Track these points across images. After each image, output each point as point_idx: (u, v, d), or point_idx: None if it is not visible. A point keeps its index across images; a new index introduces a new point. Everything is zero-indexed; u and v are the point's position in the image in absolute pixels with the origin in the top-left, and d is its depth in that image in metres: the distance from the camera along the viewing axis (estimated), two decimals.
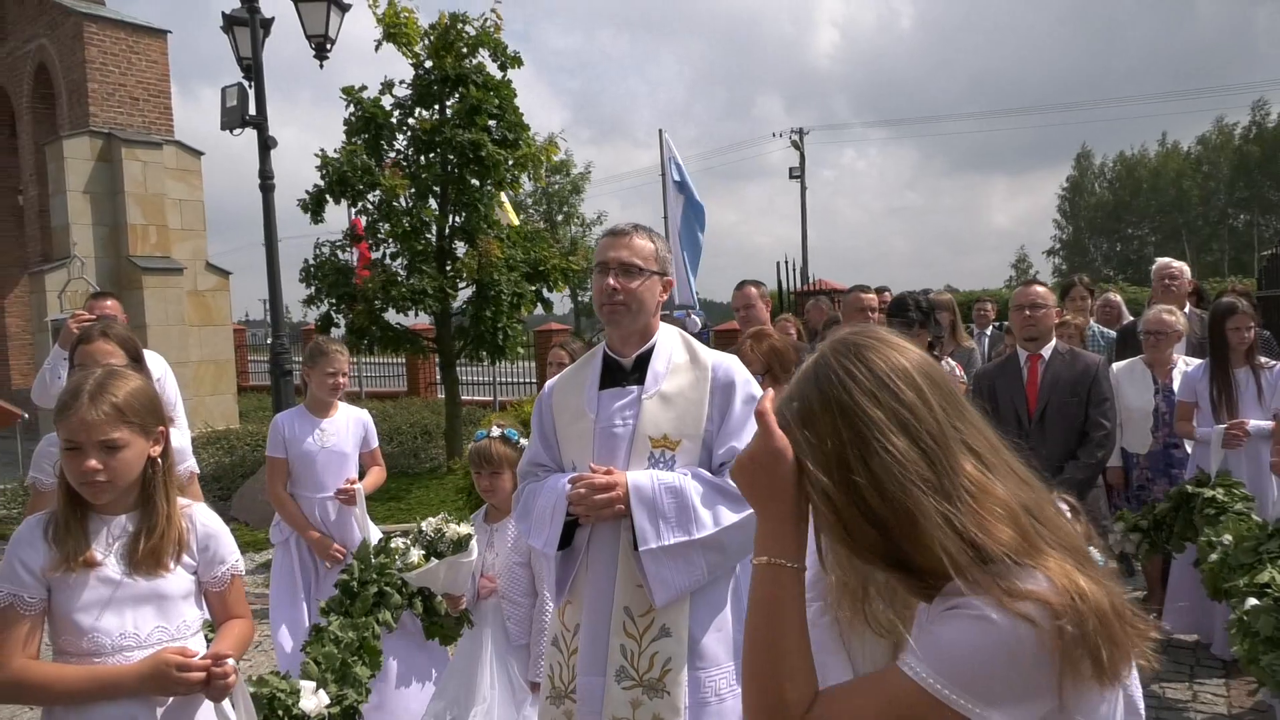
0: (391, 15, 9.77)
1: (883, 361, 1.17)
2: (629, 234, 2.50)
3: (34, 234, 14.40)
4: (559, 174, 40.64)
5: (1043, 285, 4.42)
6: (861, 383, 1.15)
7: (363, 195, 10.07)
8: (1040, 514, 1.18)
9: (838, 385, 1.16)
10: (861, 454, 1.12)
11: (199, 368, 13.35)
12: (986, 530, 1.11)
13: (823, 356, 1.22)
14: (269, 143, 8.54)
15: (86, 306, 4.99)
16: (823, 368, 1.20)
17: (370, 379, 18.81)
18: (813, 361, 1.23)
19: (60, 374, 4.45)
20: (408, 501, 9.70)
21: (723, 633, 2.39)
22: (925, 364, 1.20)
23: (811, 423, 1.17)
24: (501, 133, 10.19)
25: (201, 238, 13.96)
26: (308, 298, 10.42)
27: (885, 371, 1.16)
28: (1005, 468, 1.19)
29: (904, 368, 1.17)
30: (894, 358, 1.18)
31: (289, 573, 4.23)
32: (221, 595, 2.20)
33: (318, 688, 2.87)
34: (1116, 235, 60.98)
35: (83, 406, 1.97)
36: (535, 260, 10.45)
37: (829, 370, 1.18)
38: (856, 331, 1.24)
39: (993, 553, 1.11)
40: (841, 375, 1.17)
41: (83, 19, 13.00)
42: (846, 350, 1.19)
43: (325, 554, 4.15)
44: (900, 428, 1.13)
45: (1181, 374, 5.08)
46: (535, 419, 2.66)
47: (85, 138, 12.82)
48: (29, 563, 1.98)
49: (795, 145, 38.83)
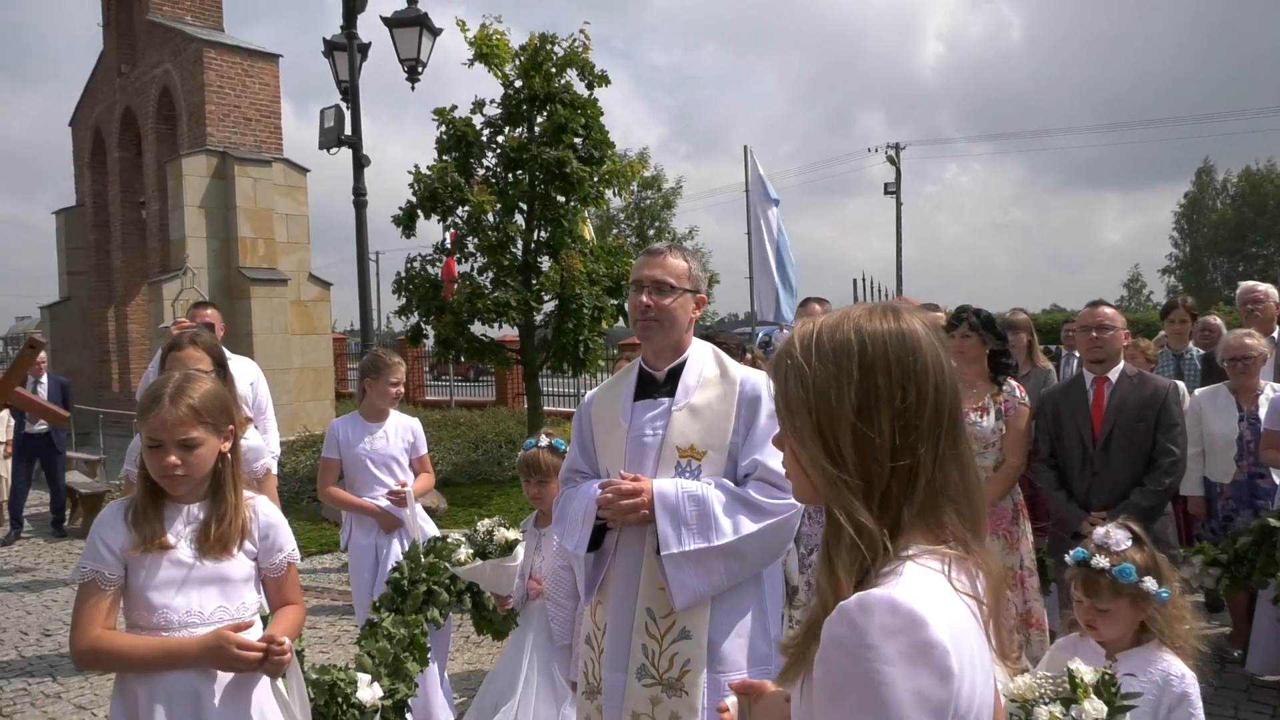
0: (483, 37, 10.15)
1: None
2: (664, 253, 2.61)
3: (154, 246, 15.36)
4: (650, 189, 40.95)
5: (1111, 306, 4.31)
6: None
7: (452, 211, 10.46)
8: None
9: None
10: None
11: (300, 374, 13.99)
12: None
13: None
14: (363, 161, 8.96)
15: (188, 315, 5.35)
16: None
17: (460, 388, 19.35)
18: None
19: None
20: (488, 508, 9.96)
21: (744, 639, 2.44)
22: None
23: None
24: (587, 150, 10.44)
25: (306, 250, 14.65)
26: (399, 309, 10.86)
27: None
28: None
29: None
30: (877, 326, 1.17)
31: (361, 570, 4.43)
32: (279, 581, 2.39)
33: (372, 680, 3.04)
34: (1239, 254, 57.74)
35: (164, 408, 2.17)
36: (617, 274, 10.65)
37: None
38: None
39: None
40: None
41: (203, 45, 13.86)
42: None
43: (387, 522, 4.28)
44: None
45: (1269, 400, 4.87)
46: (575, 427, 2.78)
47: (202, 156, 13.64)
48: (110, 543, 2.19)
49: (891, 161, 38.25)
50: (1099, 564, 2.42)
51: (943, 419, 1.14)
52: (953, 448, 1.15)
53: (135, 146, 16.35)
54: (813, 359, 1.17)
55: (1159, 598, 2.38)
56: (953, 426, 1.15)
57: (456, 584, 3.41)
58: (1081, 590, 2.47)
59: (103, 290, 17.38)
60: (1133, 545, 2.45)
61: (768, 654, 2.49)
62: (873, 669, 1.00)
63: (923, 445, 1.12)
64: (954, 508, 1.14)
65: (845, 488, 1.12)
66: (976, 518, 1.17)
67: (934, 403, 1.14)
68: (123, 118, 16.23)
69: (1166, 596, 2.39)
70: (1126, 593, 2.38)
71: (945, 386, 1.15)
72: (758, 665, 2.44)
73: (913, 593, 1.03)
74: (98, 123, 17.11)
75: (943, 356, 1.17)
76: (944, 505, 1.14)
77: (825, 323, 1.20)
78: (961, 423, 1.18)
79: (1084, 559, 2.48)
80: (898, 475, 1.12)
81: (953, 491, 1.14)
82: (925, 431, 1.12)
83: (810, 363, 1.17)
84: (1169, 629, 2.40)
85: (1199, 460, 5.03)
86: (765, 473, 2.42)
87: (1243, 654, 4.98)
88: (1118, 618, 2.43)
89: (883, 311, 1.20)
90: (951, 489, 1.14)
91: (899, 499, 1.12)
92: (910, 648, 0.99)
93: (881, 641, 1.00)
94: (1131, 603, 2.39)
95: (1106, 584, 2.40)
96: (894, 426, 1.12)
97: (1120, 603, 2.40)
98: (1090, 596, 2.45)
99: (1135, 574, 2.36)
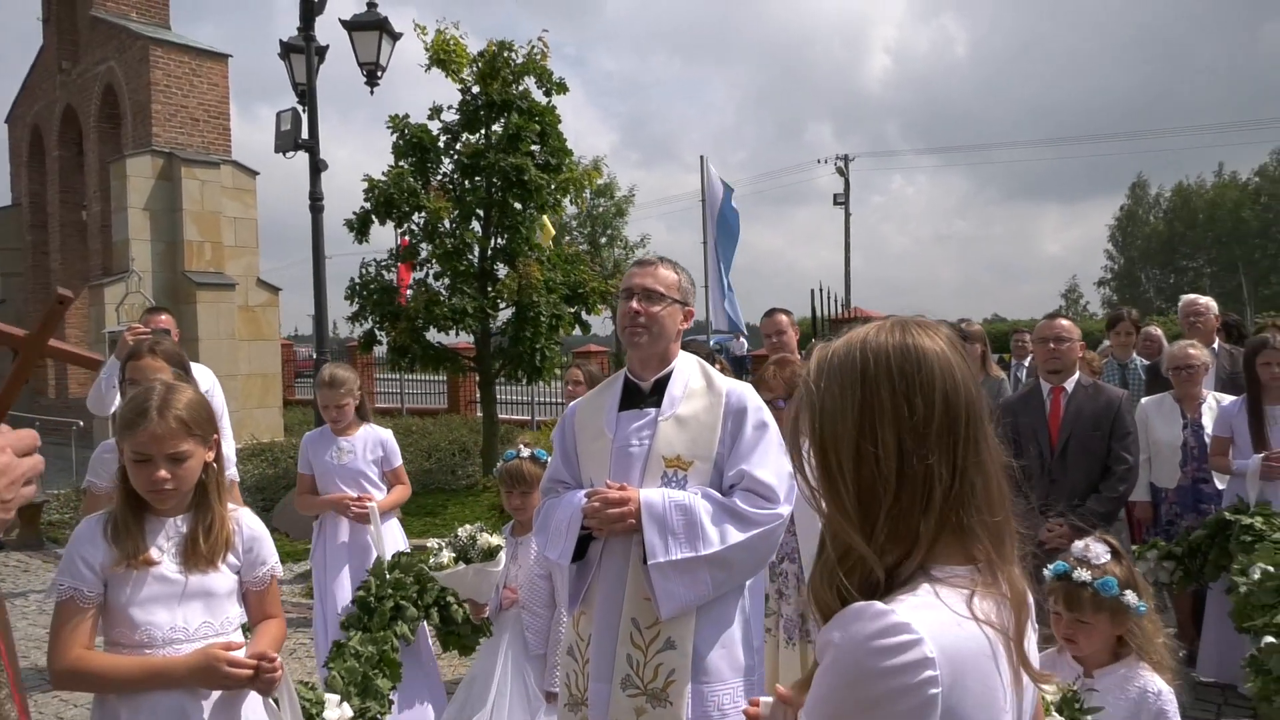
0: (440, 43, 10.09)
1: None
2: (655, 264, 2.64)
3: (96, 248, 14.96)
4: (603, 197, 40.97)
5: (1066, 319, 4.46)
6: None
7: (408, 217, 10.36)
8: None
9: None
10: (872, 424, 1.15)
11: (247, 381, 13.72)
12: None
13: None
14: (320, 166, 8.84)
15: (142, 320, 5.21)
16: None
17: (412, 395, 19.14)
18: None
19: (115, 384, 4.60)
20: (443, 517, 9.87)
21: (728, 650, 2.47)
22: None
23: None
24: (544, 157, 10.43)
25: (254, 254, 14.39)
26: (352, 315, 10.71)
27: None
28: None
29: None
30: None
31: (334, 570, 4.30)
32: (261, 595, 2.34)
33: (341, 700, 2.99)
34: (1170, 267, 59.83)
35: (152, 421, 2.11)
36: (574, 283, 10.64)
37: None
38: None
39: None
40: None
41: (150, 43, 13.55)
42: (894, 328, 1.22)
43: (353, 511, 4.15)
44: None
45: (1211, 409, 5.07)
46: (558, 437, 2.78)
47: (147, 156, 13.33)
48: (89, 559, 2.12)
49: (840, 172, 38.83)
50: (1080, 577, 2.43)
51: (957, 428, 1.15)
52: (974, 456, 1.15)
53: (76, 145, 15.91)
54: (821, 380, 1.20)
55: (1138, 611, 2.40)
56: (972, 435, 1.16)
57: (424, 598, 3.38)
58: (1063, 604, 2.47)
59: (39, 293, 16.86)
60: (1112, 559, 2.48)
61: (751, 664, 2.52)
62: (854, 677, 1.03)
63: (933, 455, 1.13)
64: (980, 519, 1.15)
65: (839, 509, 1.15)
66: (1000, 531, 1.17)
67: (944, 413, 1.14)
68: (63, 115, 15.79)
69: (1144, 610, 2.41)
70: (1107, 606, 2.39)
71: (958, 396, 1.16)
72: (741, 675, 2.46)
73: (912, 611, 1.05)
74: (36, 120, 16.61)
75: (955, 366, 1.18)
76: (969, 516, 1.15)
77: (837, 344, 1.23)
78: (984, 431, 1.18)
79: (1065, 572, 2.48)
80: (908, 487, 1.13)
81: (978, 502, 1.15)
82: (935, 442, 1.13)
83: (820, 384, 1.19)
84: (1147, 643, 2.41)
85: (1145, 467, 5.21)
86: (752, 483, 2.45)
87: (1188, 653, 5.15)
88: (1097, 631, 2.43)
89: (890, 326, 1.22)
90: (977, 499, 1.15)
91: (913, 512, 1.13)
92: (895, 664, 1.01)
93: (866, 654, 1.03)
94: (1111, 617, 2.41)
95: (1089, 597, 2.41)
96: (900, 440, 1.13)
97: (1101, 617, 2.41)
98: (1072, 610, 2.45)
99: (1117, 587, 2.38)
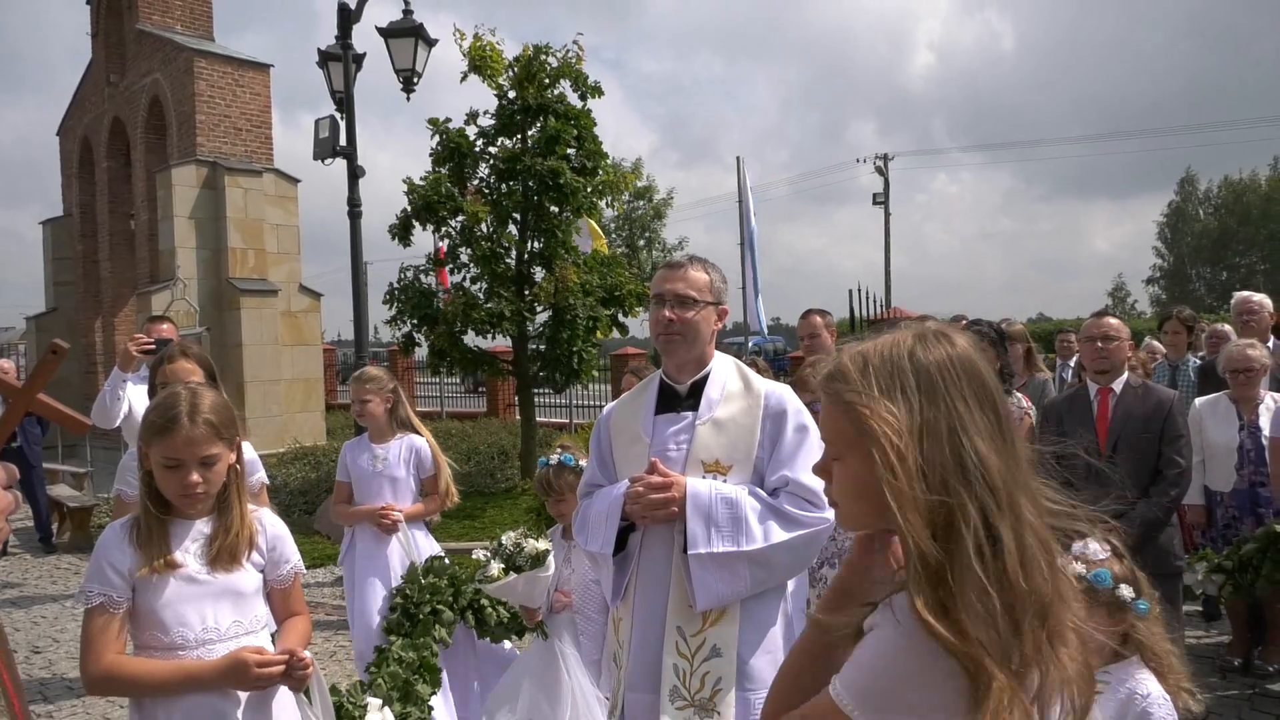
0: (477, 49, 10.15)
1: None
2: (684, 266, 2.58)
3: (143, 256, 15.24)
4: (641, 199, 41.01)
5: (1114, 317, 4.33)
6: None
7: (446, 221, 10.44)
8: None
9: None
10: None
11: (290, 386, 13.89)
12: None
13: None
14: (358, 172, 8.92)
15: (144, 330, 5.15)
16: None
17: (451, 399, 19.28)
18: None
19: (120, 394, 4.58)
20: (482, 520, 9.91)
21: (772, 655, 2.40)
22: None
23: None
24: (580, 160, 10.44)
25: (296, 260, 14.57)
26: (391, 319, 10.81)
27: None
28: None
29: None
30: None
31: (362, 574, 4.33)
32: (285, 592, 2.36)
33: (383, 705, 3.01)
34: (1221, 264, 58.28)
35: (184, 427, 2.13)
36: (611, 285, 10.63)
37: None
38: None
39: None
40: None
41: (194, 54, 13.80)
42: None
43: (380, 521, 4.13)
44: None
45: (1269, 409, 4.91)
46: (594, 442, 2.75)
47: (192, 166, 13.56)
48: (117, 565, 2.15)
49: (880, 171, 38.42)
50: (1075, 571, 2.31)
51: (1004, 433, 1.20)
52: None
53: (124, 156, 16.24)
54: (869, 382, 1.20)
55: (1137, 608, 2.30)
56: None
57: (459, 601, 3.37)
58: None
59: (90, 301, 17.23)
60: (1111, 556, 2.41)
61: None
62: (899, 651, 1.09)
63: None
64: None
65: (913, 507, 1.13)
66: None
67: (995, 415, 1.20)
68: (111, 127, 16.13)
69: (1146, 609, 2.31)
70: (1103, 601, 2.30)
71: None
72: None
73: None
74: (86, 132, 16.99)
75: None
76: None
77: (876, 348, 1.24)
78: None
79: None
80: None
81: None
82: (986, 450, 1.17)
83: (865, 387, 1.20)
84: (1154, 645, 2.31)
85: (1199, 469, 5.06)
86: (797, 488, 2.40)
87: (1243, 662, 5.00)
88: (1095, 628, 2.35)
89: (935, 336, 1.24)
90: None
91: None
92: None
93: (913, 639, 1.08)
94: (1109, 613, 2.31)
95: (1083, 591, 2.31)
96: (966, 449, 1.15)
97: (1097, 611, 2.30)
98: None
99: (1111, 580, 2.29)
